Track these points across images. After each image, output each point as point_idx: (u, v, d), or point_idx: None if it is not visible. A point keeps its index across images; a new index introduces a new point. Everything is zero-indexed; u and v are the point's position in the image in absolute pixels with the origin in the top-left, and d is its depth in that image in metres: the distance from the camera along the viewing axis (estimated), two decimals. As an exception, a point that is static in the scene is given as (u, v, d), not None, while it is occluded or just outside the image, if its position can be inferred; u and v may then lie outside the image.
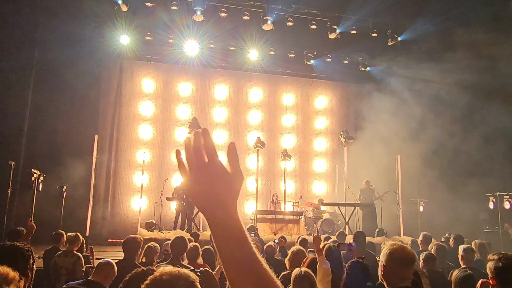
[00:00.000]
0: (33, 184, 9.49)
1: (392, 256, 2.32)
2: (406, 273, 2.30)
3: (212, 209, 0.90)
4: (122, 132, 13.70)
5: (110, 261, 3.70)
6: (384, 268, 2.35)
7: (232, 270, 0.88)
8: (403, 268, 2.29)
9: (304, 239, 6.36)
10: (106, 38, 12.79)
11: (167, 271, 1.44)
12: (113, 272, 3.66)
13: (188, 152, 0.91)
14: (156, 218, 11.22)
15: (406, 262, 2.30)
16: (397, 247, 2.35)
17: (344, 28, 13.66)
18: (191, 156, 0.91)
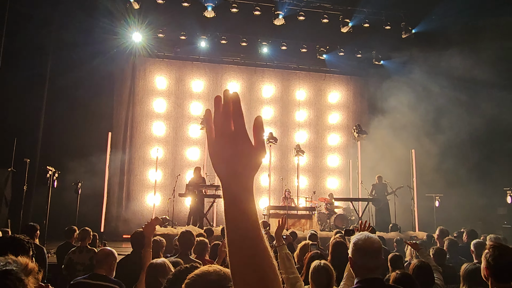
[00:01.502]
0: (48, 181, 9.65)
1: (356, 247, 2.29)
2: (371, 264, 2.26)
3: (230, 178, 0.89)
4: (135, 129, 13.83)
5: (109, 250, 3.72)
6: (350, 260, 2.34)
7: (236, 244, 0.86)
8: (367, 259, 2.24)
9: (313, 234, 6.33)
10: (119, 36, 12.92)
11: (212, 269, 1.39)
12: (115, 259, 3.69)
13: (217, 115, 0.90)
14: (170, 214, 11.30)
15: (370, 253, 2.25)
16: (361, 238, 2.31)
17: (356, 21, 13.49)
18: (219, 120, 0.90)
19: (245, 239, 0.86)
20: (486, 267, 2.46)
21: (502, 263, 2.37)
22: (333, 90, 15.65)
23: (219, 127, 0.90)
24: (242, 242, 0.86)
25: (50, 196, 9.74)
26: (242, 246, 0.86)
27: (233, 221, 0.87)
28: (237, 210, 0.88)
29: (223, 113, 0.90)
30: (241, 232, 0.86)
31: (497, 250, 2.44)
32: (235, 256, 0.86)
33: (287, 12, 13.10)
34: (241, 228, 0.86)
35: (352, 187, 14.01)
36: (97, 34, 12.18)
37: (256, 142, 0.90)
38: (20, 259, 1.48)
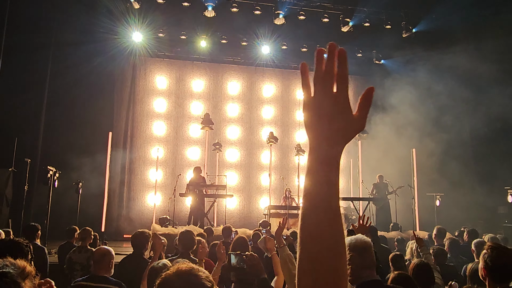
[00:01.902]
0: (49, 181, 9.65)
1: (351, 247, 2.30)
2: (369, 260, 2.29)
3: (321, 142, 0.81)
4: (136, 128, 13.84)
5: (106, 249, 3.72)
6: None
7: (314, 213, 0.78)
8: (364, 257, 2.27)
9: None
10: (119, 36, 12.91)
11: (184, 265, 1.45)
12: (113, 258, 3.67)
13: (318, 72, 0.83)
14: (170, 214, 11.31)
15: (366, 249, 2.29)
16: (353, 238, 2.34)
17: (357, 21, 13.49)
18: (319, 79, 0.82)
19: (324, 209, 0.79)
20: (483, 268, 2.47)
21: (500, 263, 2.38)
22: (334, 89, 15.62)
23: (319, 86, 0.82)
24: (321, 211, 0.78)
25: (51, 196, 9.75)
26: (320, 215, 0.78)
27: (314, 187, 0.80)
28: (321, 176, 0.80)
29: (326, 72, 0.82)
30: (321, 198, 0.79)
31: (495, 250, 2.45)
32: (309, 226, 0.78)
33: (287, 12, 13.10)
34: (321, 194, 0.79)
35: (352, 187, 14.01)
36: (98, 33, 12.18)
37: (359, 112, 0.83)
38: (18, 262, 1.47)
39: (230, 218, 12.87)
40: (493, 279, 2.41)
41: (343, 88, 0.81)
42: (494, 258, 2.42)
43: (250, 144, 14.59)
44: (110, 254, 3.66)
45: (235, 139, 14.53)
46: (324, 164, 0.81)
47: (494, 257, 2.42)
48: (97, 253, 3.67)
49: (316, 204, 0.79)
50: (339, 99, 0.81)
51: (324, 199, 0.79)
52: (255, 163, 14.51)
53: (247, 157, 14.48)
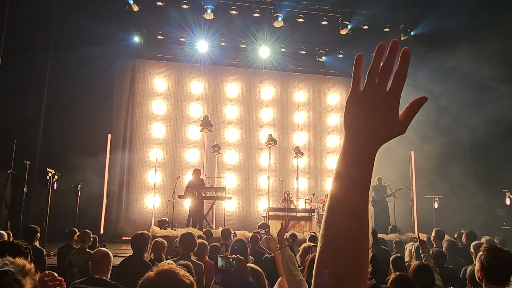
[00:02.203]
0: (48, 183, 9.65)
1: None
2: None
3: (358, 139, 0.79)
4: (135, 131, 13.84)
5: (105, 251, 3.74)
6: None
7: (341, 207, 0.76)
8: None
9: (313, 236, 6.35)
10: (118, 38, 12.92)
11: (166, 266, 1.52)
12: (111, 260, 3.70)
13: (374, 66, 0.80)
14: (169, 216, 11.30)
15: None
16: None
17: (355, 23, 13.53)
18: (375, 73, 0.79)
19: (351, 216, 0.76)
20: (480, 269, 2.48)
21: (496, 265, 2.40)
22: (332, 92, 15.68)
23: (372, 81, 0.80)
24: (348, 217, 0.75)
25: (50, 198, 9.74)
26: (347, 221, 0.75)
27: (343, 191, 0.78)
28: (351, 179, 0.78)
29: (384, 67, 0.79)
30: (349, 204, 0.76)
31: (491, 252, 2.46)
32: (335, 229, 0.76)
33: (286, 15, 13.14)
34: (350, 199, 0.77)
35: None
36: (97, 36, 12.18)
37: (404, 116, 0.80)
38: (18, 260, 1.50)
39: (229, 220, 12.88)
40: (490, 280, 2.43)
41: (398, 88, 0.79)
42: (490, 260, 2.43)
43: (249, 146, 14.60)
44: (108, 256, 3.68)
45: (234, 141, 14.55)
46: (356, 166, 0.79)
47: (490, 259, 2.44)
48: (96, 255, 3.68)
49: (343, 209, 0.77)
50: (390, 97, 0.79)
51: (353, 206, 0.76)
52: (254, 165, 14.52)
53: (246, 159, 14.50)
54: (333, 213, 0.77)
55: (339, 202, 0.78)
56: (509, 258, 2.48)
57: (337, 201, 0.78)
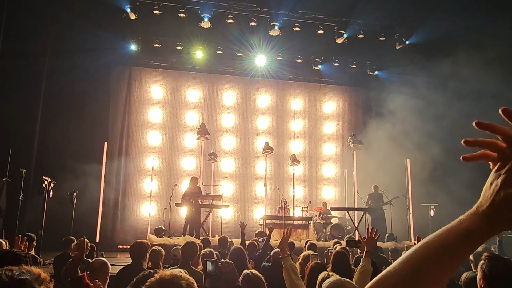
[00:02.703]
0: (44, 191, 9.59)
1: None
2: None
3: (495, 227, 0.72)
4: (131, 139, 13.81)
5: (103, 260, 3.74)
6: None
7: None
8: None
9: (312, 244, 6.35)
10: (115, 46, 12.95)
11: (168, 272, 1.51)
12: (109, 269, 3.71)
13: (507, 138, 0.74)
14: (166, 224, 11.26)
15: None
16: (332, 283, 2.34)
17: (351, 32, 13.65)
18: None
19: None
20: (482, 278, 2.49)
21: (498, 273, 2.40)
22: (328, 100, 15.76)
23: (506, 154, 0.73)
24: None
25: (45, 206, 9.68)
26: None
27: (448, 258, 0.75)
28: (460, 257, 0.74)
29: None
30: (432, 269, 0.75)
31: (492, 260, 2.47)
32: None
33: (282, 23, 13.23)
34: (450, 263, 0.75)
35: (348, 197, 14.05)
36: (94, 44, 12.20)
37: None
38: (33, 269, 1.53)
39: (225, 228, 12.83)
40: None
41: None
42: (492, 268, 2.44)
43: (246, 154, 14.61)
44: (107, 266, 3.69)
45: (230, 149, 14.56)
46: (465, 242, 0.74)
47: (492, 267, 2.44)
48: (94, 264, 3.68)
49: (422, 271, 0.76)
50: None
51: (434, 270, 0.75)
52: (250, 173, 14.51)
53: (242, 167, 14.49)
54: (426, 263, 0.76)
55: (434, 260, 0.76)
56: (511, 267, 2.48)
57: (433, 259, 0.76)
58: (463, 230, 0.74)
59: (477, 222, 0.73)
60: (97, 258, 4.06)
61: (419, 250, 0.78)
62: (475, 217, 0.74)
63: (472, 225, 0.73)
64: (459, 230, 0.74)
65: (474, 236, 0.73)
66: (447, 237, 0.75)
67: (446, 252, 0.75)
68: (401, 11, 13.05)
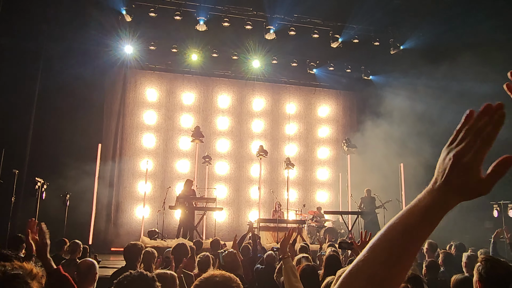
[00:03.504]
0: (37, 193, 9.53)
1: None
2: None
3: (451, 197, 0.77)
4: (125, 141, 13.78)
5: (91, 262, 3.75)
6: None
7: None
8: None
9: (303, 246, 6.37)
10: (110, 48, 12.93)
11: (217, 272, 1.55)
12: (97, 271, 3.73)
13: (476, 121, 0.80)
14: (159, 227, 11.23)
15: None
16: None
17: (346, 37, 13.73)
18: (471, 131, 0.79)
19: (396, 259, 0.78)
20: (478, 280, 2.50)
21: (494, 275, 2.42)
22: (323, 104, 15.82)
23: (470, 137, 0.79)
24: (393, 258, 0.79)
25: (38, 208, 9.61)
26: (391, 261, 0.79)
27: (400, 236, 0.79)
28: (415, 231, 0.78)
29: (480, 126, 0.79)
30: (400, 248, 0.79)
31: (489, 263, 2.49)
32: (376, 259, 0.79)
33: (278, 27, 13.29)
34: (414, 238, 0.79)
35: (341, 200, 14.09)
36: (89, 45, 12.18)
37: (488, 176, 0.77)
38: (26, 264, 1.57)
39: (219, 231, 12.82)
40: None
41: (487, 144, 0.78)
42: (489, 270, 2.46)
43: (240, 158, 14.61)
44: (94, 267, 3.72)
45: (225, 152, 14.56)
46: (426, 220, 0.78)
47: (488, 269, 2.46)
48: (82, 266, 3.70)
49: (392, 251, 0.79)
50: (475, 154, 0.77)
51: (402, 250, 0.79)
52: (244, 177, 14.52)
53: (236, 170, 14.50)
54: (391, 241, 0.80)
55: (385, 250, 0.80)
56: (507, 268, 2.51)
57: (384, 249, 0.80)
58: (422, 208, 0.78)
59: (434, 197, 0.77)
60: (86, 259, 4.06)
61: (383, 235, 0.82)
62: (432, 193, 0.78)
63: (429, 201, 0.78)
64: (419, 208, 0.79)
65: (433, 212, 0.77)
66: (408, 217, 0.80)
67: (409, 232, 0.78)
68: (396, 17, 13.16)
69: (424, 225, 0.78)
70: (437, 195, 0.78)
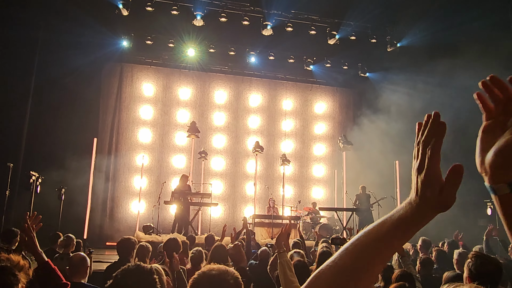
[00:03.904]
0: (31, 186, 9.50)
1: None
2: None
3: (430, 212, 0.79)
4: (121, 135, 13.74)
5: (83, 255, 3.81)
6: None
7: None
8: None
9: (296, 242, 6.39)
10: (106, 42, 12.86)
11: (215, 266, 1.58)
12: (88, 264, 3.81)
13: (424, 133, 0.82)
14: (154, 222, 11.23)
15: None
16: None
17: (343, 34, 13.72)
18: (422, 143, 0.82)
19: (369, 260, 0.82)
20: (468, 276, 2.52)
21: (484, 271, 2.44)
22: (320, 100, 15.83)
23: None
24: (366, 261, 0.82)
25: (33, 202, 9.59)
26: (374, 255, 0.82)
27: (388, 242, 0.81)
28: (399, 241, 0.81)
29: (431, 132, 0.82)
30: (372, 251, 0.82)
31: (479, 259, 2.51)
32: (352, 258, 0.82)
33: (275, 23, 13.25)
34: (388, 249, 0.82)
35: (337, 197, 14.13)
36: (85, 39, 12.10)
37: (446, 189, 0.78)
38: (12, 256, 1.57)
39: (214, 226, 12.82)
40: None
41: (436, 150, 0.81)
42: (479, 266, 2.48)
43: (236, 153, 14.61)
44: (86, 260, 3.76)
45: (221, 147, 14.55)
46: (398, 231, 0.80)
47: (478, 265, 2.48)
48: (75, 259, 3.73)
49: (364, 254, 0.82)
50: (434, 152, 0.82)
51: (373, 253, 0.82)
52: (240, 172, 14.52)
53: (232, 166, 14.50)
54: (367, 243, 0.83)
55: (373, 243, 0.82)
56: (497, 265, 2.53)
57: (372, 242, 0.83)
58: (395, 219, 0.80)
59: (409, 210, 0.79)
60: (77, 252, 4.08)
61: (357, 240, 0.83)
62: (407, 206, 0.80)
63: (404, 214, 0.80)
64: (393, 219, 0.81)
65: (406, 224, 0.79)
66: (382, 226, 0.82)
67: (379, 241, 0.81)
68: (393, 14, 13.15)
69: (395, 235, 0.80)
70: (411, 209, 0.80)
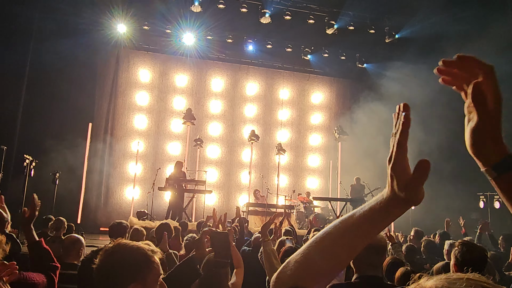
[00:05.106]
0: (25, 170, 9.47)
1: None
2: (375, 260, 2.22)
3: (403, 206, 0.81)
4: (117, 121, 13.69)
5: (76, 237, 3.79)
6: None
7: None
8: (371, 254, 2.18)
9: (288, 230, 6.42)
10: (103, 27, 12.75)
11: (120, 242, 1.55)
12: (83, 246, 3.75)
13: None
14: (149, 208, 11.24)
15: (376, 249, 2.20)
16: None
17: (341, 24, 13.65)
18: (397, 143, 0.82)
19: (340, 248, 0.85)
20: (454, 264, 2.56)
21: (469, 259, 2.48)
22: (316, 90, 15.79)
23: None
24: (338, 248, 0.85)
25: (26, 185, 9.56)
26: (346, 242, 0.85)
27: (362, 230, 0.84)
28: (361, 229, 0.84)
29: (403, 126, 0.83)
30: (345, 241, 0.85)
31: (465, 247, 2.55)
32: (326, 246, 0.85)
33: (273, 11, 13.16)
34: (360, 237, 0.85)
35: (331, 187, 14.17)
36: (81, 24, 11.99)
37: (411, 184, 0.80)
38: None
39: (208, 214, 12.85)
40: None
41: (402, 145, 0.84)
42: (464, 254, 2.51)
43: (232, 142, 14.61)
44: (80, 242, 3.74)
45: (216, 135, 14.54)
46: (367, 223, 0.83)
47: (464, 253, 2.52)
48: (68, 240, 3.73)
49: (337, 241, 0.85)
50: (401, 145, 0.85)
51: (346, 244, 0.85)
52: (235, 161, 14.54)
53: (228, 154, 14.50)
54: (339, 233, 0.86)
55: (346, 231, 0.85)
56: (482, 253, 2.57)
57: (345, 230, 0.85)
58: (366, 210, 0.82)
59: (379, 203, 0.81)
60: (71, 234, 4.08)
61: (327, 230, 0.86)
62: (380, 198, 0.82)
63: (374, 206, 0.82)
64: (364, 211, 0.83)
65: (374, 216, 0.82)
66: (351, 218, 0.85)
67: (347, 232, 0.84)
68: (392, 6, 13.07)
69: (366, 226, 0.83)
70: (381, 202, 0.81)
